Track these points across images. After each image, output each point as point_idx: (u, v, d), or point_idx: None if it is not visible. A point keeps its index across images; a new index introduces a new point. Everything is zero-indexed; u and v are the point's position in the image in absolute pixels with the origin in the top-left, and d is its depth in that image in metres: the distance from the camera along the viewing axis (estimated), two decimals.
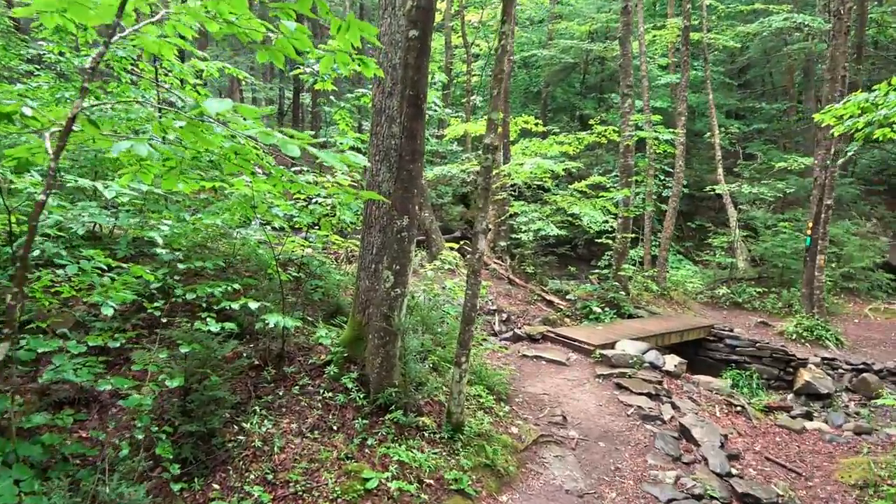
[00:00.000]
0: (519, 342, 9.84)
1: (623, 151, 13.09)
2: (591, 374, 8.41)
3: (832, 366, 11.32)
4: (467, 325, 5.46)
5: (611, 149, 23.29)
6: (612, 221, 13.61)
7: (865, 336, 14.10)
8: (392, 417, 5.37)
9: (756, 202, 19.35)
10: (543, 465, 5.73)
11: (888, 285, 17.64)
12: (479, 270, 5.38)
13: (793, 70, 26.23)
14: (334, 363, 5.89)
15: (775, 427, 7.82)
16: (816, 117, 6.55)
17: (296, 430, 5.11)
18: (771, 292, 15.94)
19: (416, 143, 5.34)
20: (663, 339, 10.64)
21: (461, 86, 25.80)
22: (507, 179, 14.54)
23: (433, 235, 14.72)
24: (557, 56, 24.45)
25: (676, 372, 8.88)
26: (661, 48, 21.94)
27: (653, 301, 14.20)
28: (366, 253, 6.05)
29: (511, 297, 12.94)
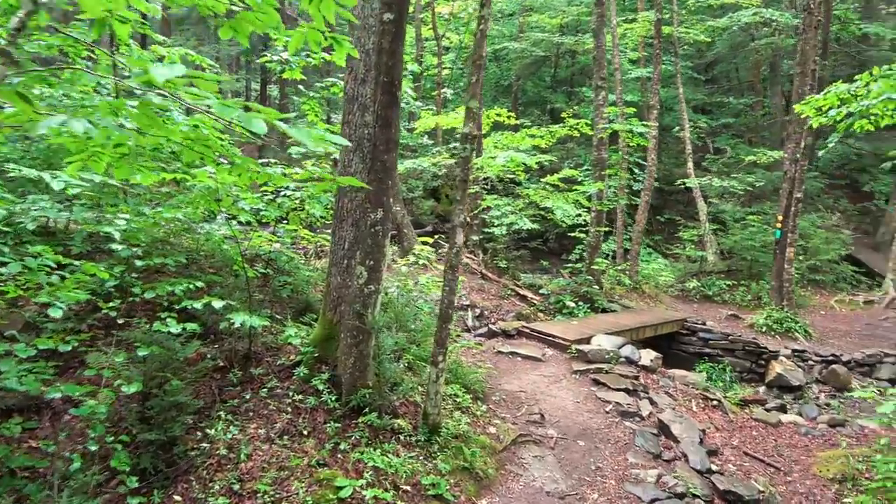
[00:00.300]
0: (494, 338, 9.65)
1: (597, 144, 12.99)
2: (567, 370, 8.27)
3: (802, 358, 11.42)
4: (444, 322, 5.24)
5: (582, 143, 23.29)
6: (585, 215, 13.50)
7: (832, 327, 14.30)
8: (366, 420, 5.13)
9: (725, 196, 19.51)
10: (523, 466, 5.55)
11: (853, 277, 17.98)
12: (456, 266, 5.16)
13: (759, 65, 26.55)
14: (304, 364, 5.62)
15: (751, 421, 7.79)
16: (797, 108, 6.49)
17: (264, 435, 4.83)
18: (740, 285, 16.08)
19: (390, 132, 5.08)
20: (638, 333, 10.57)
21: (431, 79, 25.54)
22: (480, 173, 14.33)
23: (405, 230, 14.45)
24: (528, 49, 24.32)
25: (652, 366, 8.80)
26: (633, 42, 21.96)
27: (625, 295, 14.17)
28: (337, 248, 5.78)
29: (484, 292, 12.76)
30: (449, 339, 5.36)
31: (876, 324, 14.86)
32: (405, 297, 7.47)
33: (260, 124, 1.69)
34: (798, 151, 13.03)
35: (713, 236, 18.38)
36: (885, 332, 14.17)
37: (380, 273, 5.20)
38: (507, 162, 13.14)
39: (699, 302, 15.69)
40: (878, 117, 6.34)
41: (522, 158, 13.01)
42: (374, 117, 5.20)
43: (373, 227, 5.14)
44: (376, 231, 5.14)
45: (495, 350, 8.84)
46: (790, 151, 13.50)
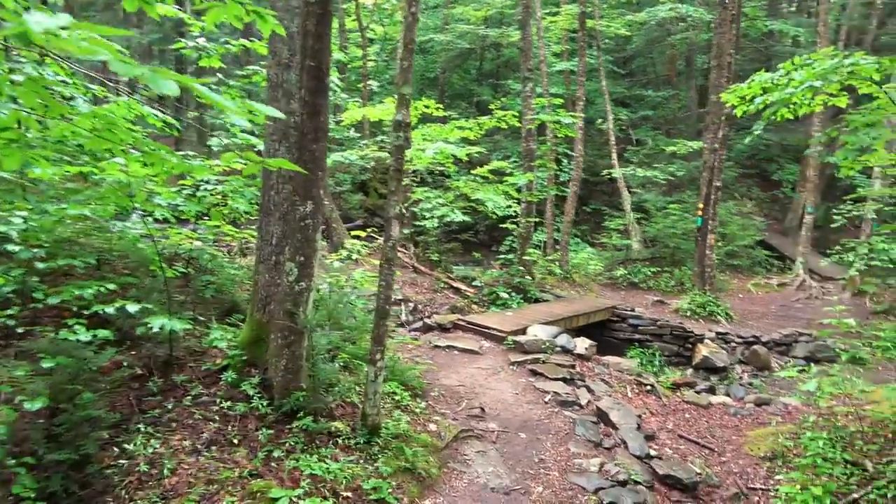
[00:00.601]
0: (429, 332, 9.50)
1: (525, 136, 13.03)
2: (505, 362, 8.22)
3: (725, 340, 11.86)
4: (381, 318, 5.03)
5: (509, 135, 23.49)
6: (516, 206, 13.53)
7: (750, 310, 14.97)
8: (301, 425, 4.85)
9: (647, 185, 20.11)
10: (466, 463, 5.42)
11: (766, 261, 18.92)
12: (393, 259, 4.95)
13: (675, 60, 27.55)
14: (232, 368, 5.27)
15: (683, 404, 7.97)
16: (723, 97, 6.63)
17: (189, 447, 4.47)
18: (664, 272, 16.59)
19: (318, 121, 4.81)
20: (571, 321, 10.68)
21: (357, 71, 25.07)
22: (410, 165, 14.12)
23: (334, 224, 14.08)
24: (454, 41, 24.26)
25: (587, 354, 8.88)
26: (556, 35, 22.25)
27: (557, 284, 14.33)
28: (264, 244, 5.45)
29: (417, 286, 12.59)
30: (387, 335, 5.14)
31: (789, 305, 15.67)
32: (338, 293, 7.18)
33: (169, 84, 1.43)
34: (716, 141, 13.52)
35: (637, 225, 18.90)
36: (798, 313, 14.96)
37: (311, 269, 4.93)
38: (436, 154, 12.99)
39: (626, 289, 16.08)
40: (798, 106, 6.57)
41: (452, 150, 12.89)
42: (300, 105, 4.91)
43: (302, 221, 4.85)
44: (306, 225, 4.86)
45: (432, 344, 8.69)
46: (709, 141, 13.99)
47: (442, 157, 13.32)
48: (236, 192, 7.96)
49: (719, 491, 5.78)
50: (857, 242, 15.69)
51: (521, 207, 13.28)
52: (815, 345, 11.83)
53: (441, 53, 26.03)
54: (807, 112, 6.74)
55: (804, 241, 17.36)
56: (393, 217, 4.90)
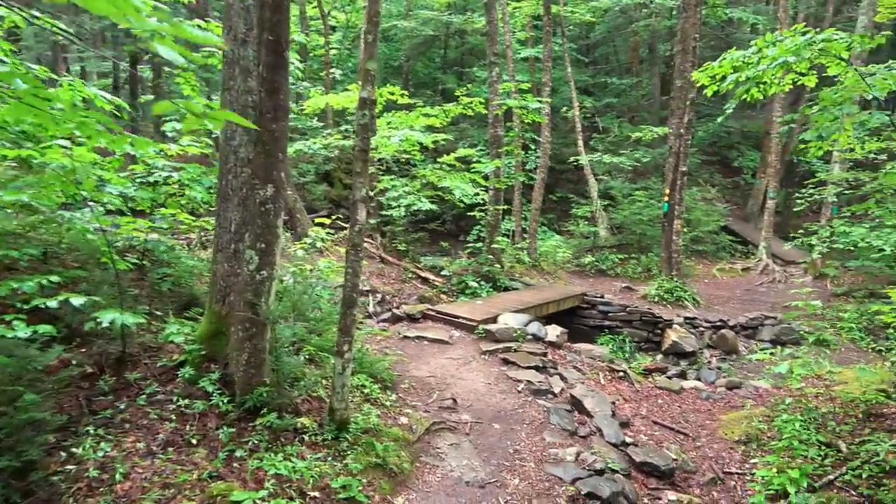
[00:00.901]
0: (398, 323, 9.27)
1: (492, 122, 12.84)
2: (476, 351, 8.04)
3: (693, 324, 11.92)
4: (349, 308, 4.78)
5: (475, 123, 23.31)
6: (483, 194, 13.36)
7: (715, 294, 15.12)
8: (264, 422, 4.58)
9: (613, 172, 20.15)
10: (439, 457, 5.22)
11: (731, 247, 19.16)
12: (359, 245, 4.70)
13: (637, 47, 27.68)
14: (190, 363, 4.96)
15: (656, 389, 7.91)
16: (694, 75, 6.52)
17: (143, 449, 4.17)
18: (631, 258, 16.66)
19: (278, 98, 4.51)
20: (541, 309, 10.56)
21: (319, 60, 24.57)
22: (375, 153, 13.82)
23: (298, 215, 13.68)
24: (418, 28, 23.93)
25: (559, 342, 8.77)
26: (520, 22, 22.10)
27: (525, 272, 14.23)
28: (222, 231, 5.13)
29: (384, 277, 12.34)
30: (354, 326, 4.90)
31: (753, 289, 15.89)
32: (303, 283, 6.89)
33: None
34: (681, 126, 13.55)
35: (604, 212, 18.94)
36: (762, 297, 15.17)
37: (273, 257, 4.65)
38: (402, 141, 12.72)
39: (594, 276, 16.09)
40: (768, 85, 6.50)
41: (418, 137, 12.65)
42: (258, 82, 4.61)
43: (263, 206, 4.56)
44: (267, 210, 4.57)
45: (401, 335, 8.46)
46: (674, 126, 14.02)
47: (408, 144, 13.07)
48: (194, 180, 7.60)
49: (696, 476, 5.70)
50: (819, 226, 15.96)
51: (488, 195, 13.11)
52: (781, 328, 11.98)
53: (405, 41, 25.66)
54: (776, 91, 6.68)
55: (767, 225, 17.61)
56: (359, 200, 4.64)
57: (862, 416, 6.20)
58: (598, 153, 18.98)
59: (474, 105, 13.95)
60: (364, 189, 4.65)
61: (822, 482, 5.25)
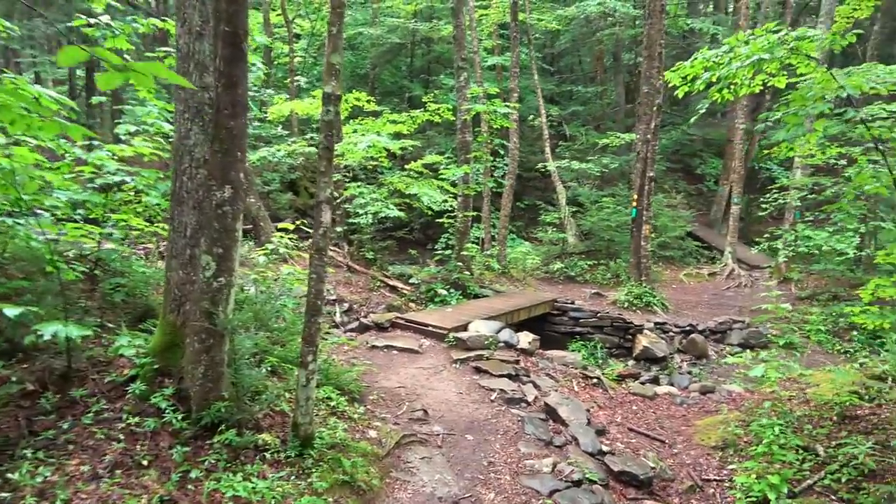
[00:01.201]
0: (366, 332, 8.99)
1: (460, 127, 12.68)
2: (447, 360, 7.81)
3: (663, 329, 11.88)
4: (313, 316, 4.50)
5: (442, 130, 23.18)
6: (452, 201, 13.17)
7: (683, 299, 15.16)
8: (223, 439, 4.27)
9: (580, 179, 20.21)
10: (410, 472, 4.96)
11: (697, 252, 19.33)
12: (324, 248, 4.44)
13: (601, 56, 27.97)
14: (142, 378, 4.62)
15: (630, 395, 7.79)
16: (666, 75, 6.44)
17: (88, 473, 3.83)
18: (600, 264, 16.64)
19: (236, 94, 4.25)
20: (513, 316, 10.39)
21: (283, 68, 24.21)
22: (341, 160, 13.54)
23: (261, 223, 13.31)
24: (384, 36, 23.73)
25: (531, 349, 8.60)
26: (487, 30, 22.08)
27: (495, 280, 14.07)
28: (177, 237, 4.82)
29: (351, 286, 12.04)
30: (319, 335, 4.63)
31: (720, 293, 16.00)
32: (265, 292, 6.58)
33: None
34: (648, 132, 13.58)
35: (572, 219, 18.93)
36: (729, 301, 15.27)
37: (231, 263, 4.36)
38: (369, 147, 12.48)
39: (563, 283, 16.01)
40: (738, 86, 6.45)
41: (385, 143, 12.43)
42: (215, 76, 4.33)
43: (220, 208, 4.28)
44: (224, 212, 4.29)
45: (369, 345, 8.19)
46: (641, 132, 14.04)
47: (375, 150, 12.83)
48: (150, 186, 7.25)
49: (674, 485, 5.56)
50: (784, 231, 16.18)
51: (457, 202, 12.92)
52: (749, 331, 12.02)
53: (371, 49, 25.43)
54: (746, 93, 6.65)
55: (732, 231, 17.80)
56: (323, 201, 4.39)
57: (837, 419, 6.14)
58: (565, 160, 18.98)
59: (442, 112, 13.78)
60: (329, 189, 4.40)
61: (802, 487, 5.15)
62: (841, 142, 13.75)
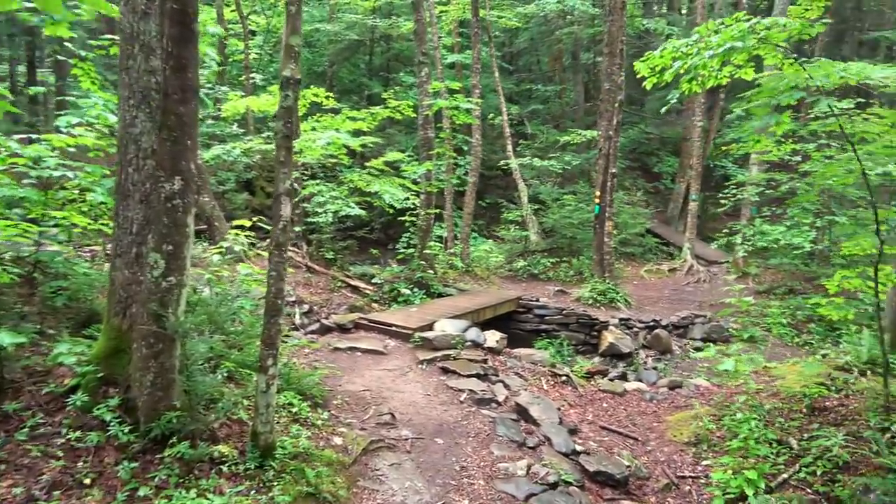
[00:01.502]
0: (328, 334, 8.66)
1: (422, 123, 12.43)
2: (413, 361, 7.55)
3: (628, 325, 11.87)
4: (273, 317, 4.20)
5: (403, 129, 22.91)
6: (414, 199, 12.89)
7: (645, 295, 15.24)
8: (175, 453, 3.93)
9: (542, 177, 20.19)
10: (378, 480, 4.69)
11: (657, 248, 19.51)
12: (284, 244, 4.14)
13: (560, 56, 28.09)
14: (84, 388, 4.24)
15: (600, 392, 7.66)
16: (636, 66, 6.30)
17: (22, 495, 3.45)
18: (563, 262, 16.60)
19: (186, 77, 3.92)
20: (478, 314, 10.19)
21: (238, 65, 23.58)
22: (299, 157, 13.15)
23: (216, 223, 12.80)
24: (342, 32, 23.30)
25: (498, 348, 8.41)
26: (447, 27, 21.90)
27: (459, 278, 13.87)
28: (122, 233, 4.44)
29: (311, 287, 11.67)
30: (280, 337, 4.32)
31: (680, 289, 16.15)
32: (220, 293, 6.21)
33: None
34: (611, 128, 13.58)
35: (534, 217, 18.88)
36: (689, 296, 15.42)
37: (182, 261, 4.02)
38: (328, 144, 12.13)
39: (527, 281, 15.91)
40: (706, 78, 6.38)
41: (345, 140, 12.11)
42: (162, 59, 4.00)
43: (169, 202, 3.94)
44: (174, 206, 3.95)
45: (331, 347, 7.86)
46: (603, 129, 14.04)
47: (334, 147, 12.49)
48: (96, 182, 6.81)
49: (650, 483, 5.42)
50: (742, 226, 16.44)
51: (419, 200, 12.67)
52: (711, 326, 12.12)
53: (329, 46, 24.95)
54: (713, 84, 6.58)
55: (690, 227, 18.01)
56: (283, 193, 4.08)
57: (807, 411, 6.11)
58: (527, 157, 18.91)
59: (402, 108, 13.50)
60: (288, 181, 4.10)
61: (778, 482, 5.07)
62: (795, 139, 14.04)
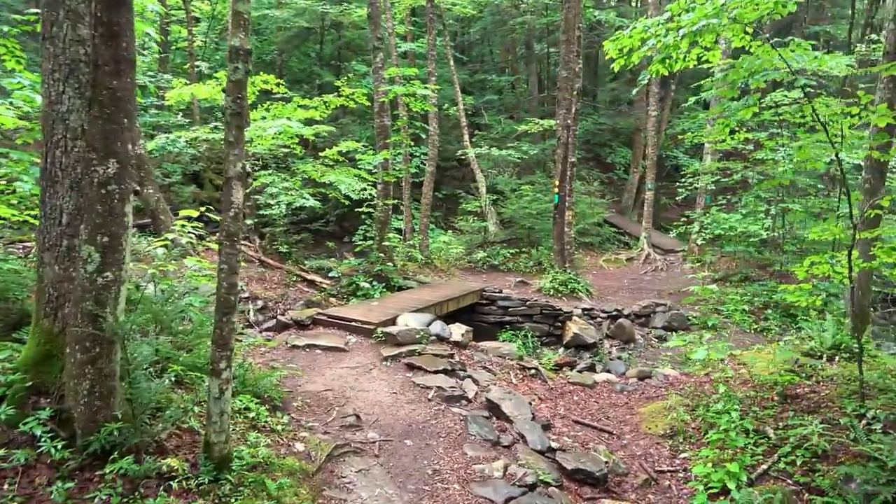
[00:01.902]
0: (285, 331, 8.21)
1: (378, 111, 12.01)
2: (376, 358, 7.19)
3: (591, 315, 11.76)
4: (226, 315, 3.79)
5: (356, 118, 22.39)
6: (371, 189, 12.46)
7: (605, 285, 15.21)
8: (117, 469, 3.50)
9: (499, 166, 20.01)
10: (346, 488, 4.34)
11: (615, 238, 19.57)
12: (236, 233, 3.73)
13: (514, 47, 27.99)
14: (10, 400, 3.75)
15: (569, 385, 7.47)
16: (605, 45, 6.10)
17: None
18: (522, 252, 16.45)
19: (119, 47, 3.46)
20: (442, 307, 9.88)
21: (182, 53, 22.65)
22: (249, 147, 12.57)
23: (162, 216, 12.13)
24: (291, 19, 22.55)
25: (464, 341, 8.12)
26: (400, 15, 21.42)
27: (418, 270, 13.53)
28: (50, 224, 3.94)
29: (266, 281, 11.17)
30: (234, 336, 3.92)
31: (639, 278, 16.21)
32: (166, 290, 5.72)
33: None
34: (569, 117, 13.43)
35: (492, 207, 18.67)
36: (648, 285, 15.48)
37: (120, 254, 3.58)
38: (279, 133, 11.61)
39: (487, 272, 15.70)
40: (673, 60, 6.22)
41: (297, 129, 11.61)
42: (92, 26, 3.53)
43: (103, 188, 3.49)
44: (109, 192, 3.50)
45: (289, 344, 7.43)
46: (562, 118, 13.88)
47: (286, 137, 11.97)
48: (24, 171, 6.25)
49: (629, 479, 5.23)
50: (697, 215, 16.61)
51: (377, 189, 12.25)
52: (671, 314, 12.12)
53: (277, 33, 24.15)
54: (680, 68, 6.43)
55: (646, 216, 18.12)
56: (234, 177, 3.67)
57: (779, 399, 6.04)
58: (484, 147, 18.66)
59: (356, 97, 13.02)
60: (240, 163, 3.69)
61: (758, 473, 4.94)
62: (747, 128, 14.18)
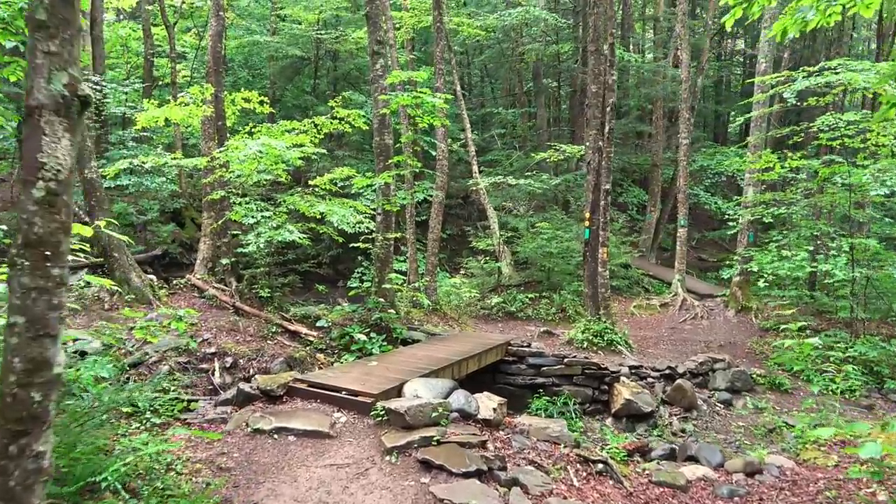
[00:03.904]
0: (249, 404, 5.93)
1: (378, 126, 9.99)
2: (376, 449, 4.92)
3: (639, 375, 9.53)
4: None
5: (352, 150, 20.66)
6: (368, 223, 10.32)
7: (641, 335, 13.03)
8: None
9: (512, 200, 18.10)
10: None
11: (647, 281, 17.43)
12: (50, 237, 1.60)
13: (521, 80, 26.48)
14: None
15: (653, 487, 5.19)
16: None
17: None
18: (542, 297, 14.26)
19: None
20: (460, 368, 7.61)
21: (166, 91, 20.97)
22: (225, 173, 10.53)
23: (115, 253, 9.97)
24: (284, 47, 20.91)
25: (497, 419, 5.86)
26: (401, 39, 19.81)
27: (425, 319, 11.33)
28: None
29: (239, 333, 8.98)
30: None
31: (678, 327, 14.03)
32: None
33: None
34: (600, 138, 11.46)
35: (506, 247, 16.55)
36: (690, 335, 13.31)
37: None
38: (260, 155, 9.59)
39: (503, 320, 13.50)
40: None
41: (281, 150, 9.60)
42: None
43: None
44: None
45: (250, 428, 5.16)
46: (592, 139, 11.86)
47: (269, 160, 9.95)
48: None
49: None
50: (739, 254, 14.55)
51: (376, 221, 10.15)
52: (733, 372, 9.93)
53: (270, 64, 22.48)
54: (817, 25, 4.46)
55: (680, 257, 16.04)
56: (46, 105, 1.57)
57: None
58: (499, 177, 16.62)
59: (353, 118, 11.05)
60: (63, 76, 1.59)
61: None
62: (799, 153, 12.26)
